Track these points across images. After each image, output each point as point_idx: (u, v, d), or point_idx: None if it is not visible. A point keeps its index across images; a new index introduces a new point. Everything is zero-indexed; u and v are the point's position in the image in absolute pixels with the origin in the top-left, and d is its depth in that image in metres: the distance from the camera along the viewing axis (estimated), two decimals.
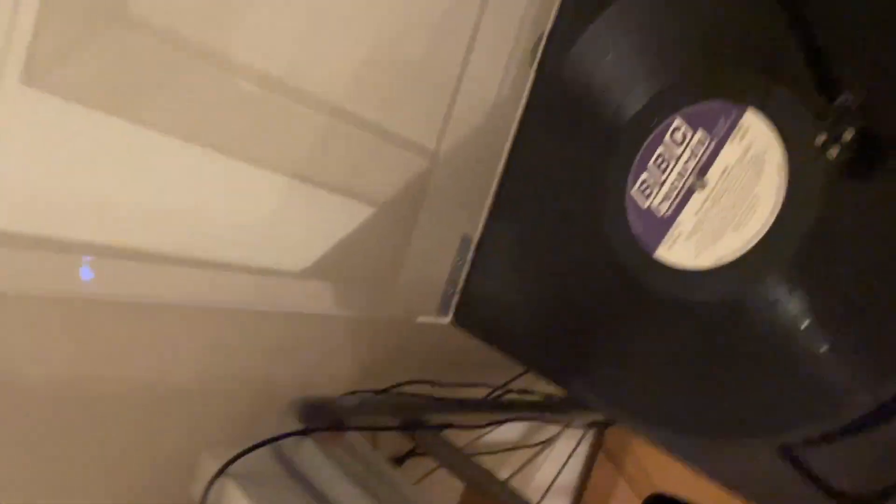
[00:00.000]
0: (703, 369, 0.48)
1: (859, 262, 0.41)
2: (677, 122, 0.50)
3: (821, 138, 0.40)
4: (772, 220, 0.45)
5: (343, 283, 0.73)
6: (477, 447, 0.91)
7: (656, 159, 0.51)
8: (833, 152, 0.40)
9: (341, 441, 0.64)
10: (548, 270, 0.58)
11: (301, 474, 0.58)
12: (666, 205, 0.51)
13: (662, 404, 0.49)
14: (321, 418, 0.64)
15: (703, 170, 0.49)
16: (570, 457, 1.15)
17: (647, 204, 0.52)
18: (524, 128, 0.65)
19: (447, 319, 0.67)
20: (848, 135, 0.39)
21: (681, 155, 0.50)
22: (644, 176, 0.52)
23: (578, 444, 1.17)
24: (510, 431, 1.03)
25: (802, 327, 0.43)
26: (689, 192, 0.50)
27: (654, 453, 1.10)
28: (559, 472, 1.12)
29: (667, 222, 0.51)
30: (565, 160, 0.59)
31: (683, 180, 0.50)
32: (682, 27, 0.52)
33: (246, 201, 0.65)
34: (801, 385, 0.43)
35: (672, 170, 0.50)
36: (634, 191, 0.52)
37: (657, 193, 0.51)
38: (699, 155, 0.49)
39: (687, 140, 0.49)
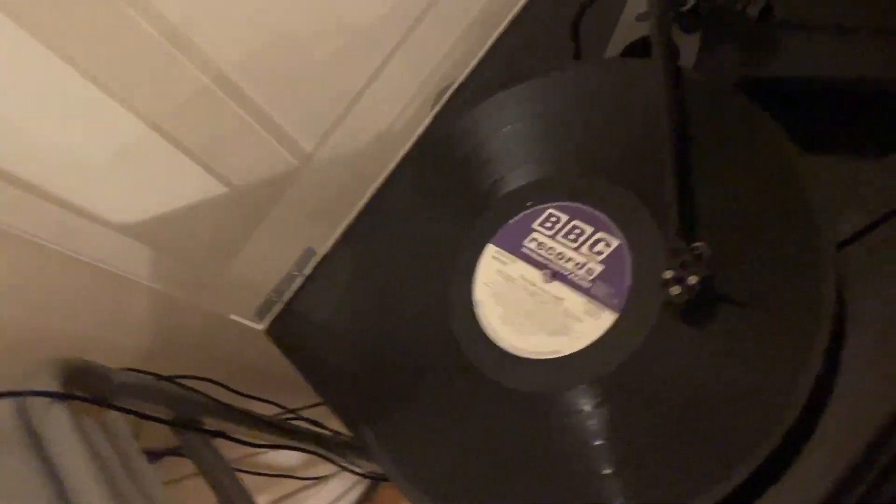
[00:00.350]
0: (489, 452, 0.47)
1: (660, 402, 0.42)
2: (614, 241, 0.48)
3: (668, 274, 0.42)
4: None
5: (164, 252, 0.67)
6: (245, 465, 0.86)
7: (577, 228, 0.50)
8: (675, 290, 0.41)
9: (100, 418, 0.58)
10: (379, 310, 0.57)
11: (40, 441, 0.52)
12: (534, 245, 0.51)
13: (441, 479, 0.48)
14: (86, 387, 0.57)
15: (560, 277, 0.49)
16: (336, 500, 1.12)
17: (537, 225, 0.51)
18: (404, 166, 0.64)
19: (261, 326, 0.64)
20: (693, 279, 0.41)
21: (582, 252, 0.49)
22: (564, 217, 0.51)
23: (349, 490, 1.15)
24: (286, 458, 0.98)
25: (595, 444, 0.43)
26: (541, 266, 0.50)
27: None
28: None
29: (517, 252, 0.51)
30: (431, 211, 0.58)
31: (553, 257, 0.49)
32: (582, 131, 0.53)
33: (90, 131, 0.59)
34: (574, 499, 0.43)
35: (569, 242, 0.49)
36: (552, 209, 0.51)
37: (546, 235, 0.50)
38: (577, 269, 0.48)
39: (599, 256, 0.48)
